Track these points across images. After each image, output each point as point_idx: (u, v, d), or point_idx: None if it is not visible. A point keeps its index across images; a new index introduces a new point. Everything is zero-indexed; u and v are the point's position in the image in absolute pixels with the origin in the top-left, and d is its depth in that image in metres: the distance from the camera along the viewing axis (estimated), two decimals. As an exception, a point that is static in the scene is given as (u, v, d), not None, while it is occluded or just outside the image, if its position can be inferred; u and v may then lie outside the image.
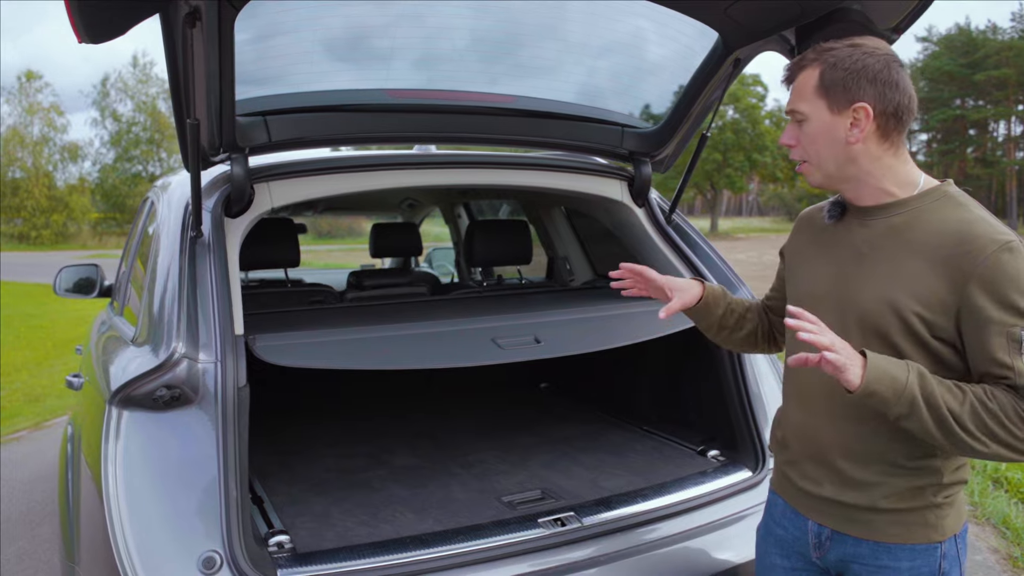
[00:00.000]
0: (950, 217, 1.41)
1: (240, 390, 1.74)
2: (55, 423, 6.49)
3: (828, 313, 1.48)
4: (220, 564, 1.58)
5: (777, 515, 1.69)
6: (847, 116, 1.44)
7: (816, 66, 1.46)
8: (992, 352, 1.35)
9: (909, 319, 1.39)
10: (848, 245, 1.52)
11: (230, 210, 2.07)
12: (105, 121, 46.11)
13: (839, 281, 1.51)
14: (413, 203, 4.87)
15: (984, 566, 3.62)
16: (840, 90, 1.43)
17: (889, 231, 1.46)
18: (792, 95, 1.50)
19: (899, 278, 1.42)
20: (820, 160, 1.49)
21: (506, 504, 2.10)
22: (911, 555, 1.47)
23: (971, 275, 1.35)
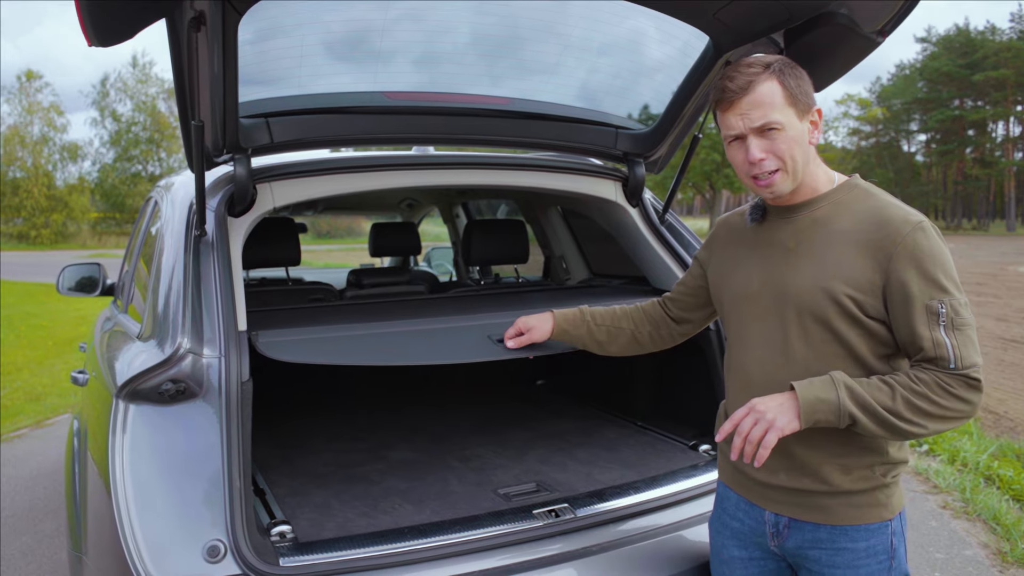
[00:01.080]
0: (865, 205, 1.55)
1: (243, 384, 1.78)
2: (56, 421, 6.54)
3: (766, 309, 1.61)
4: (224, 552, 1.62)
5: (731, 508, 1.76)
6: (808, 119, 1.57)
7: (771, 77, 1.53)
8: (913, 324, 1.46)
9: (843, 301, 1.50)
10: (775, 243, 1.63)
11: (233, 210, 2.11)
12: (105, 121, 46.20)
13: (772, 277, 1.61)
14: (412, 203, 4.92)
15: (974, 561, 3.68)
16: (803, 96, 1.55)
17: (813, 224, 1.58)
18: (758, 111, 1.52)
19: (828, 265, 1.53)
20: (795, 166, 1.55)
21: (502, 496, 2.15)
22: (866, 535, 1.57)
23: (892, 254, 1.47)
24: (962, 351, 1.44)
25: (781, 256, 1.61)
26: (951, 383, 1.44)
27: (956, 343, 1.44)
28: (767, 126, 1.53)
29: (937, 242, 1.49)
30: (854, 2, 1.93)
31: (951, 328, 1.44)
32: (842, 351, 1.53)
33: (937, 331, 1.44)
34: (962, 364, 1.44)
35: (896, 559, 1.60)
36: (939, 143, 65.06)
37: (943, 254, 1.48)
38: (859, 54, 2.11)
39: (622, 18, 2.30)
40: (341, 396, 3.45)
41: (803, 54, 2.15)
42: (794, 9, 2.00)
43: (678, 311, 2.00)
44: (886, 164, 67.28)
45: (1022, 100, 60.67)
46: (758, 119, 1.53)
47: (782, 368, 1.58)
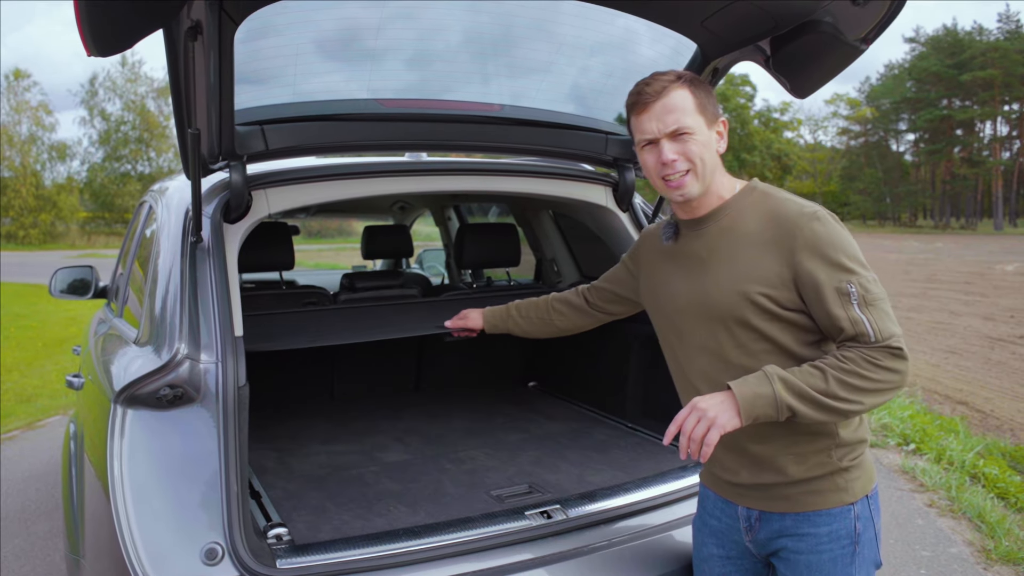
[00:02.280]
0: (765, 207, 1.64)
1: (240, 389, 1.81)
2: (48, 423, 6.53)
3: (696, 321, 1.70)
4: (222, 555, 1.65)
5: (709, 507, 1.84)
6: (715, 129, 1.68)
7: (684, 86, 1.64)
8: (829, 308, 1.53)
9: (759, 301, 1.58)
10: (691, 256, 1.72)
11: (228, 216, 2.13)
12: (94, 120, 45.95)
13: (694, 290, 1.70)
14: (404, 206, 4.94)
15: (959, 558, 3.73)
16: (711, 107, 1.67)
17: (720, 233, 1.67)
18: (671, 115, 1.62)
19: (740, 269, 1.62)
20: (704, 169, 1.65)
21: (495, 498, 2.19)
22: (828, 519, 1.63)
23: (793, 247, 1.56)
24: (879, 324, 1.51)
25: (698, 269, 1.70)
26: (876, 356, 1.49)
27: (872, 318, 1.51)
28: (679, 131, 1.62)
29: (834, 227, 1.57)
30: (838, 11, 1.97)
31: (864, 305, 1.51)
32: (771, 347, 1.61)
33: (852, 310, 1.51)
34: (881, 336, 1.50)
35: (861, 544, 1.64)
36: (927, 142, 65.48)
37: (841, 237, 1.56)
38: (843, 61, 2.15)
39: (613, 21, 2.33)
40: (333, 399, 3.48)
41: (788, 61, 2.20)
42: (780, 18, 2.03)
43: (599, 302, 2.15)
44: (875, 163, 67.65)
45: (1009, 100, 61.10)
46: (671, 123, 1.62)
47: (723, 374, 1.64)
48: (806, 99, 1.96)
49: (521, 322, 2.29)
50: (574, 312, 2.20)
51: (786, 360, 1.59)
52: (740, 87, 49.88)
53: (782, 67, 2.25)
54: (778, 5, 1.98)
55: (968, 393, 7.46)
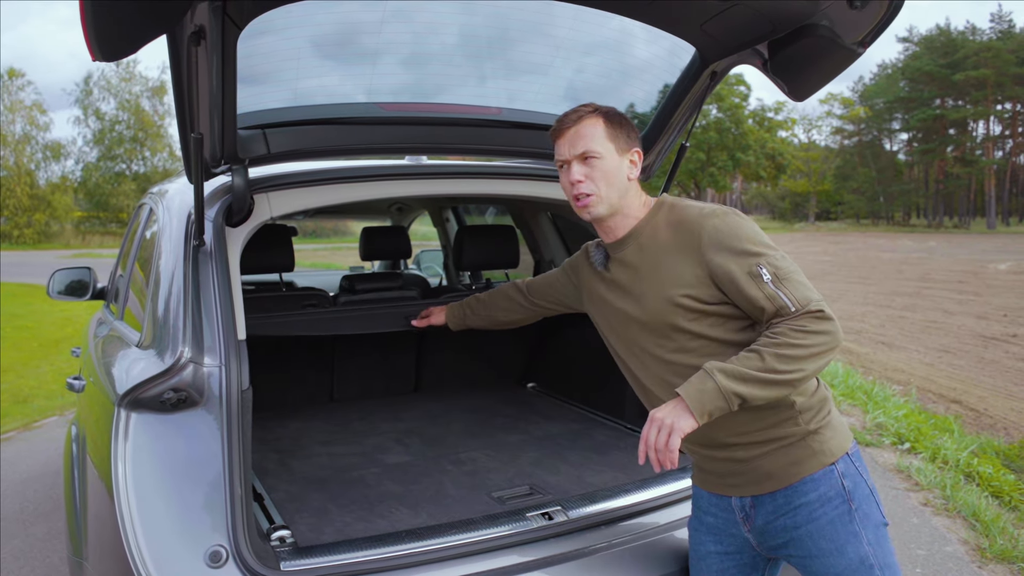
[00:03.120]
0: (672, 217, 1.78)
1: (243, 392, 1.82)
2: (45, 424, 6.52)
3: (636, 333, 1.82)
4: (226, 558, 1.66)
5: (704, 505, 1.90)
6: (627, 157, 1.80)
7: (598, 116, 1.80)
8: (746, 293, 1.64)
9: (684, 303, 1.70)
10: (620, 280, 1.86)
11: (231, 219, 2.14)
12: (88, 119, 45.75)
13: (629, 307, 1.83)
14: (402, 207, 4.95)
15: (954, 557, 3.76)
16: (624, 137, 1.80)
17: (641, 250, 1.80)
18: (581, 140, 1.78)
19: (662, 279, 1.74)
20: (608, 193, 1.79)
21: (496, 499, 2.20)
22: (813, 485, 1.69)
23: (699, 246, 1.69)
24: (795, 294, 1.60)
25: (629, 287, 1.83)
26: (801, 323, 1.57)
27: (787, 291, 1.60)
28: (586, 154, 1.77)
29: (732, 219, 1.69)
30: (835, 14, 1.99)
31: (777, 280, 1.61)
32: (707, 343, 1.71)
33: (767, 288, 1.61)
34: (800, 305, 1.59)
35: (856, 501, 1.68)
36: (921, 142, 65.68)
37: (741, 227, 1.68)
38: (840, 64, 2.17)
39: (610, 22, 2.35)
40: (334, 400, 3.49)
41: (786, 65, 2.22)
42: (777, 21, 2.05)
43: (538, 300, 2.32)
44: (868, 163, 67.84)
45: (1002, 99, 61.32)
46: (580, 148, 1.78)
47: (672, 375, 1.75)
48: None
49: (474, 317, 2.54)
50: (513, 307, 2.40)
51: (726, 351, 1.69)
52: (735, 87, 49.94)
53: (780, 70, 2.27)
54: (776, 9, 2.00)
55: (962, 392, 7.49)
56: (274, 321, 2.75)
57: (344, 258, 19.31)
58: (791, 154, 50.75)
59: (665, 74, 2.54)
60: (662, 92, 2.59)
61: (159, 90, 46.50)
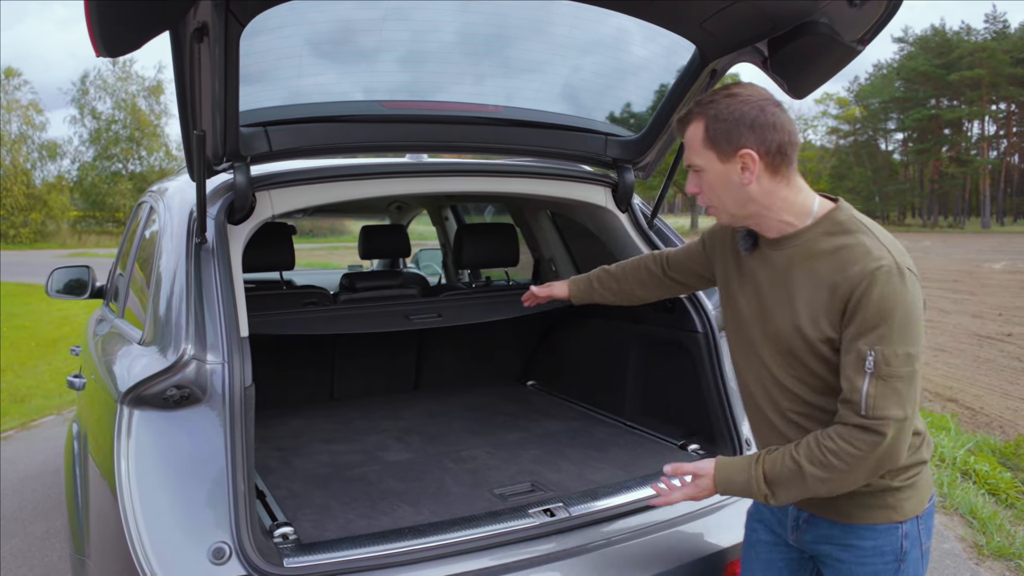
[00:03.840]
0: (835, 244, 1.56)
1: (246, 390, 1.83)
2: (43, 423, 6.52)
3: (754, 336, 1.70)
4: (229, 554, 1.66)
5: None
6: (736, 162, 1.57)
7: (700, 120, 1.60)
8: (845, 366, 1.50)
9: (812, 341, 1.56)
10: (762, 275, 1.69)
11: (233, 217, 2.14)
12: (84, 119, 45.62)
13: (759, 308, 1.69)
14: (400, 205, 4.95)
15: (951, 554, 3.78)
16: (724, 140, 1.57)
17: (789, 262, 1.62)
18: (687, 150, 1.64)
19: (800, 305, 1.58)
20: (723, 204, 1.64)
21: (498, 496, 2.20)
22: (874, 534, 1.63)
23: (848, 300, 1.50)
24: (878, 401, 1.45)
25: (767, 289, 1.67)
26: (853, 436, 1.48)
27: (874, 392, 1.45)
28: (691, 166, 1.65)
29: (892, 288, 1.47)
30: (835, 12, 1.99)
31: (876, 377, 1.45)
32: (822, 384, 1.59)
33: (860, 378, 1.47)
34: (872, 414, 1.46)
35: (906, 563, 1.64)
36: (916, 142, 65.82)
37: (894, 300, 1.46)
38: (840, 62, 2.17)
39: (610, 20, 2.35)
40: (334, 398, 3.49)
41: (786, 63, 2.23)
42: (778, 19, 2.06)
43: (673, 274, 2.13)
44: (864, 163, 67.95)
45: (996, 99, 61.50)
46: (686, 158, 1.66)
47: (778, 392, 1.67)
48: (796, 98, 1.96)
49: (602, 292, 2.30)
50: (652, 282, 2.19)
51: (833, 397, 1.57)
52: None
53: (780, 68, 2.27)
54: (776, 7, 2.01)
55: (958, 391, 7.52)
56: (275, 319, 2.75)
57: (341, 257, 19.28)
58: (787, 154, 50.68)
59: (665, 73, 2.55)
60: (661, 91, 2.60)
61: (155, 89, 46.38)
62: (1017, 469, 5.17)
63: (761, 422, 1.75)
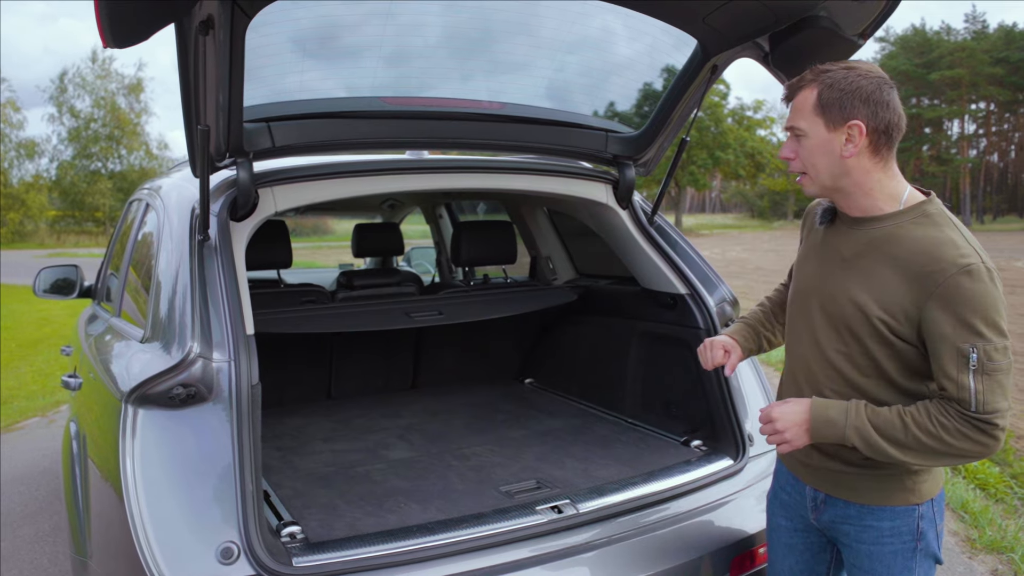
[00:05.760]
0: (923, 236, 1.56)
1: (253, 388, 1.81)
2: (26, 425, 6.43)
3: (812, 307, 1.71)
4: (238, 554, 1.65)
5: (782, 481, 1.93)
6: (842, 132, 1.57)
7: (814, 87, 1.60)
8: (943, 364, 1.51)
9: (874, 322, 1.58)
10: (835, 250, 1.70)
11: (235, 214, 2.12)
12: (63, 117, 45.07)
13: (823, 281, 1.70)
14: (393, 203, 4.93)
15: (945, 548, 3.79)
16: (836, 109, 1.57)
17: (870, 243, 1.62)
18: (792, 113, 1.65)
19: (872, 286, 1.59)
20: (817, 172, 1.63)
21: (504, 493, 2.20)
22: (892, 515, 1.67)
23: (932, 294, 1.51)
24: (986, 396, 1.48)
25: (836, 264, 1.68)
26: (967, 429, 1.49)
27: (982, 388, 1.48)
28: (792, 129, 1.65)
29: (983, 285, 1.48)
30: (836, 6, 2.00)
31: (980, 373, 1.47)
32: (871, 366, 1.62)
33: (964, 375, 1.48)
34: (984, 409, 1.48)
35: (924, 542, 1.68)
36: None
37: (986, 297, 1.48)
38: (841, 56, 2.18)
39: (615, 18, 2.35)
40: (332, 397, 3.47)
41: (788, 57, 2.23)
42: (780, 13, 2.06)
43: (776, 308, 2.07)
44: (846, 161, 68.32)
45: (976, 99, 62.22)
46: (789, 120, 1.66)
47: (818, 365, 1.70)
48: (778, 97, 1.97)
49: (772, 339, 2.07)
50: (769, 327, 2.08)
51: (886, 387, 1.62)
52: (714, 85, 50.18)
53: (781, 63, 2.28)
54: (779, 1, 2.01)
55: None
56: (273, 318, 2.72)
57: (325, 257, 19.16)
58: (770, 152, 51.07)
59: (666, 69, 2.55)
60: (664, 86, 2.60)
61: (135, 87, 45.90)
62: (1004, 464, 5.22)
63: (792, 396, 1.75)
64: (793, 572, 1.90)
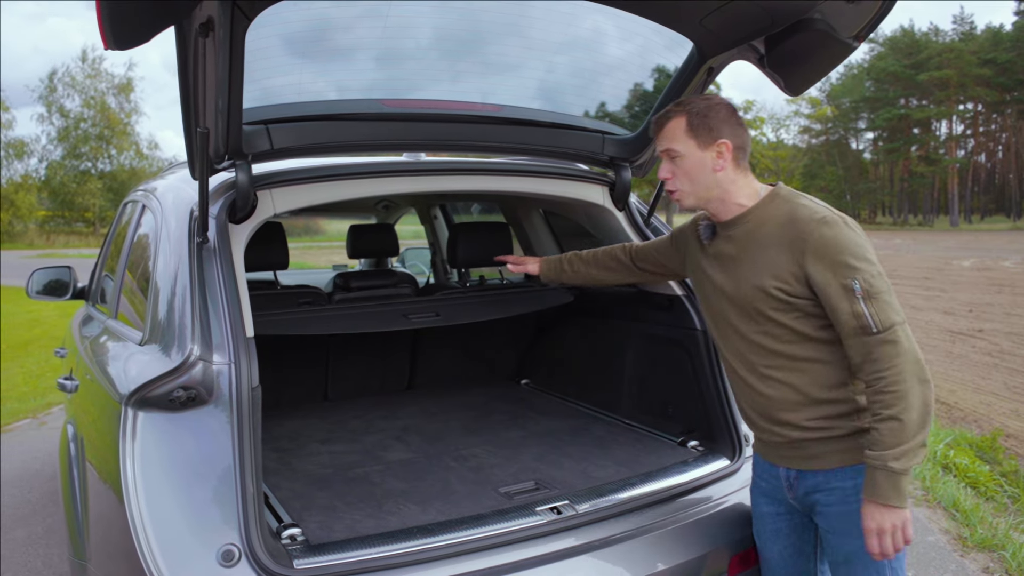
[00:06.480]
0: (781, 212, 1.86)
1: (253, 390, 1.81)
2: (17, 427, 6.40)
3: (724, 307, 1.96)
4: (239, 556, 1.65)
5: (759, 471, 2.09)
6: (712, 150, 1.90)
7: (682, 115, 1.92)
8: (837, 303, 1.74)
9: (774, 293, 1.82)
10: (723, 254, 1.97)
11: (234, 216, 2.12)
12: (52, 117, 44.81)
13: (725, 281, 1.96)
14: (388, 204, 4.92)
15: (936, 547, 3.84)
16: (705, 131, 1.90)
17: (747, 236, 1.90)
18: (665, 139, 1.95)
19: (761, 268, 1.85)
20: (693, 187, 1.93)
21: (503, 495, 2.20)
22: (853, 474, 1.83)
23: (804, 251, 1.77)
24: (880, 315, 1.70)
25: (729, 266, 1.94)
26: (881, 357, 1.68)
27: (874, 310, 1.70)
28: (668, 151, 1.95)
29: (840, 229, 1.76)
30: (832, 9, 2.02)
31: (867, 298, 1.71)
32: (788, 333, 1.84)
33: (856, 304, 1.71)
34: (882, 327, 1.69)
35: None
36: (886, 141, 66.85)
37: (848, 238, 1.75)
38: (836, 59, 2.21)
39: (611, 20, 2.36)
40: (328, 399, 3.46)
41: (783, 59, 2.25)
42: (776, 15, 2.08)
43: (640, 263, 2.44)
44: (835, 162, 68.85)
45: (964, 99, 62.63)
46: (662, 146, 1.96)
47: (749, 351, 1.92)
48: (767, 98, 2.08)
49: (571, 274, 2.61)
50: (619, 268, 2.51)
51: (802, 343, 1.83)
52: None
53: (777, 65, 2.30)
54: (775, 3, 2.02)
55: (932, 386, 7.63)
56: (270, 320, 2.72)
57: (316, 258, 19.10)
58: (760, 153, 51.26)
59: (661, 71, 2.57)
60: (658, 89, 2.61)
61: (125, 87, 45.69)
62: (994, 462, 5.27)
63: (741, 389, 1.98)
64: (783, 556, 2.03)
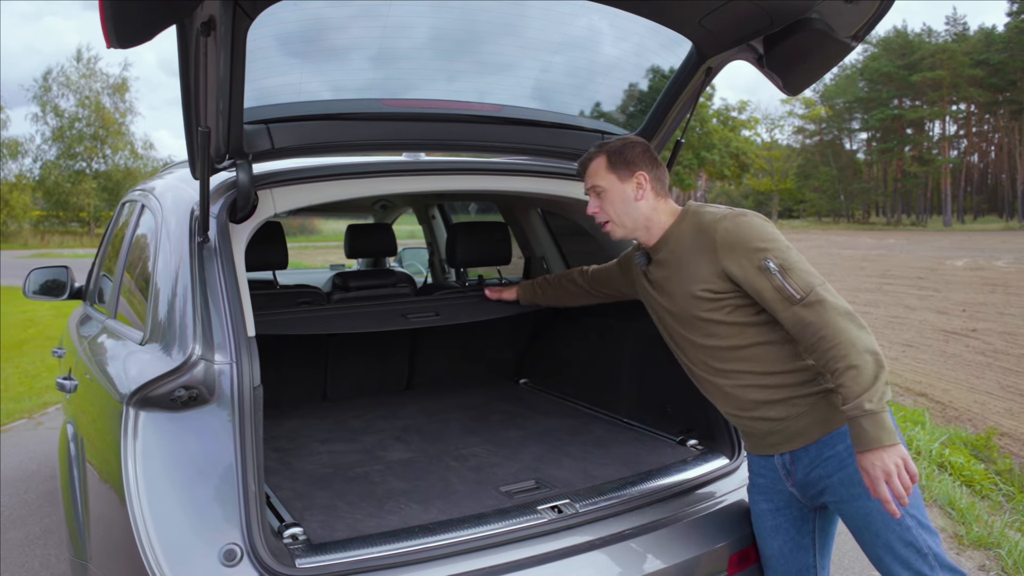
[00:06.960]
0: (691, 224, 2.02)
1: (255, 390, 1.81)
2: (12, 428, 6.37)
3: (669, 323, 2.10)
4: (241, 556, 1.65)
5: (755, 468, 2.12)
6: (632, 182, 2.08)
7: (602, 155, 2.11)
8: (762, 287, 1.86)
9: (701, 295, 1.96)
10: (657, 279, 2.12)
11: (234, 216, 2.11)
12: (47, 116, 44.62)
13: (669, 305, 2.09)
14: (386, 204, 4.92)
15: (933, 544, 3.85)
16: (623, 166, 2.08)
17: (671, 253, 2.06)
18: (589, 178, 2.14)
19: (686, 279, 2.00)
20: (621, 217, 2.10)
21: (504, 494, 2.21)
22: (841, 437, 1.89)
23: (717, 251, 1.92)
24: (799, 283, 1.81)
25: (663, 284, 2.09)
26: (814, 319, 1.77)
27: (793, 280, 1.82)
28: (593, 188, 2.13)
29: (740, 220, 1.91)
30: (830, 9, 2.03)
31: (783, 272, 1.83)
32: (728, 328, 1.96)
33: (776, 280, 1.83)
34: (804, 292, 1.81)
35: None
36: (879, 141, 67.08)
37: (750, 225, 1.90)
38: (834, 58, 2.22)
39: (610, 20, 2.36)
40: (327, 399, 3.46)
41: (781, 59, 2.26)
42: (775, 15, 2.09)
43: (597, 287, 2.61)
44: (829, 162, 69.08)
45: (957, 100, 62.85)
46: (588, 183, 2.15)
47: (701, 354, 2.02)
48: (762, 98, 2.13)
49: (543, 297, 2.86)
50: (579, 292, 2.69)
51: (744, 332, 1.95)
52: (700, 86, 50.34)
53: (775, 65, 2.31)
54: (774, 3, 2.03)
55: (927, 385, 7.67)
56: (269, 319, 2.72)
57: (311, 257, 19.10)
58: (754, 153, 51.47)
59: (660, 71, 2.58)
60: (656, 89, 2.62)
61: (120, 87, 45.56)
62: (989, 461, 5.29)
63: (712, 391, 2.07)
64: (783, 552, 2.06)
